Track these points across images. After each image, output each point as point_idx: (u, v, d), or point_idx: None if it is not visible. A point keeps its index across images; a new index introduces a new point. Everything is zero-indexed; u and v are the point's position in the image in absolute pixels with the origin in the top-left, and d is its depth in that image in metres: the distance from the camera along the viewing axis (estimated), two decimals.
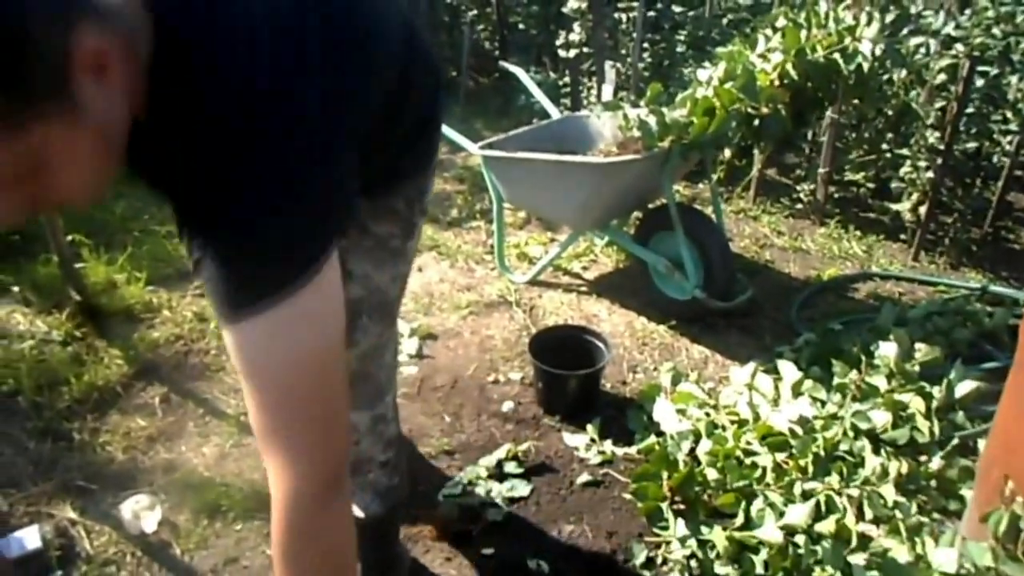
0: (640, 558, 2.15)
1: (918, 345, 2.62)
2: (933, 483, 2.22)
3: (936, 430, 2.32)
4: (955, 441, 2.31)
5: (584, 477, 2.41)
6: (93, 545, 2.19)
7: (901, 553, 1.89)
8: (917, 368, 2.54)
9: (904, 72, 3.91)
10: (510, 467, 2.42)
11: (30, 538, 2.14)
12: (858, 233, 4.14)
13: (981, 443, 2.26)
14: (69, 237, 3.00)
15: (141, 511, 2.28)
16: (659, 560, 2.15)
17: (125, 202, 3.82)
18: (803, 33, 2.95)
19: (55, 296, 3.03)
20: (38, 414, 2.59)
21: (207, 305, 3.07)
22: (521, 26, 6.87)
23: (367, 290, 1.52)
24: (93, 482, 2.37)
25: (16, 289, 3.08)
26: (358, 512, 1.80)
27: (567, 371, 2.57)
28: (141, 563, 2.16)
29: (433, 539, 2.21)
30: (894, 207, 4.07)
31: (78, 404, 2.63)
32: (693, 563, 2.10)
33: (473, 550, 2.19)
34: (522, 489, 2.34)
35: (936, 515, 2.13)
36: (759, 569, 2.00)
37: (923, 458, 2.30)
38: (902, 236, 4.09)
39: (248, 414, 1.03)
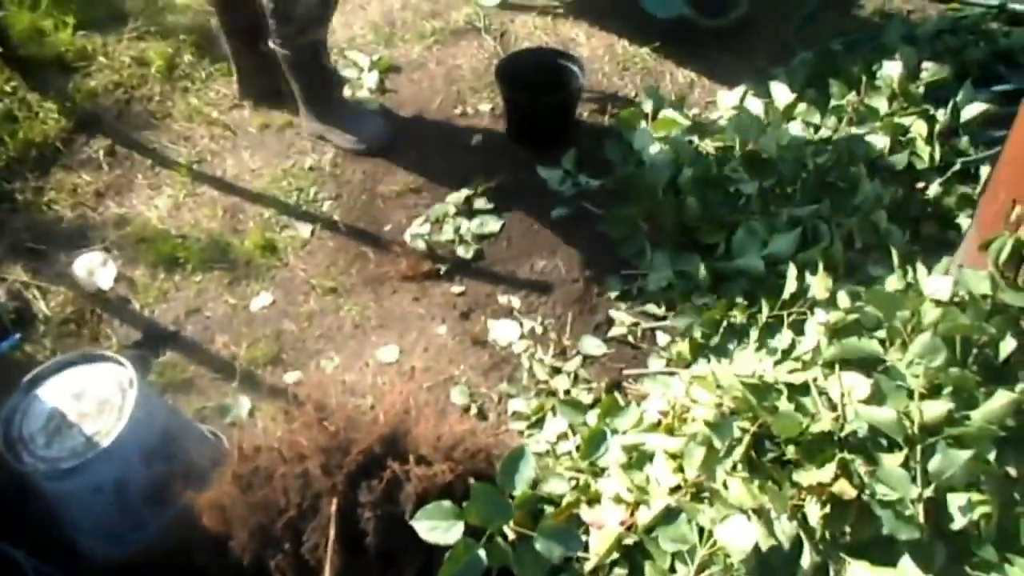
0: (615, 291, 2.10)
1: (925, 65, 2.40)
2: (929, 211, 2.11)
3: (937, 155, 2.16)
4: (956, 167, 2.15)
5: (559, 211, 2.29)
6: (49, 306, 2.12)
7: (891, 282, 1.80)
8: (922, 89, 2.34)
9: None
10: (480, 203, 2.30)
11: None
12: None
13: (984, 170, 2.11)
14: None
15: (95, 268, 2.19)
16: (634, 292, 2.09)
17: None
18: None
19: None
20: None
21: (146, 48, 2.79)
22: None
23: None
24: (43, 242, 2.27)
25: None
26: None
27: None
28: (101, 320, 2.10)
29: (400, 280, 2.15)
30: None
31: (17, 163, 2.46)
32: (671, 294, 2.04)
33: (442, 288, 2.13)
34: (493, 225, 2.23)
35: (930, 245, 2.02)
36: (739, 299, 1.92)
37: (920, 185, 2.16)
38: None
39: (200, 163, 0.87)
